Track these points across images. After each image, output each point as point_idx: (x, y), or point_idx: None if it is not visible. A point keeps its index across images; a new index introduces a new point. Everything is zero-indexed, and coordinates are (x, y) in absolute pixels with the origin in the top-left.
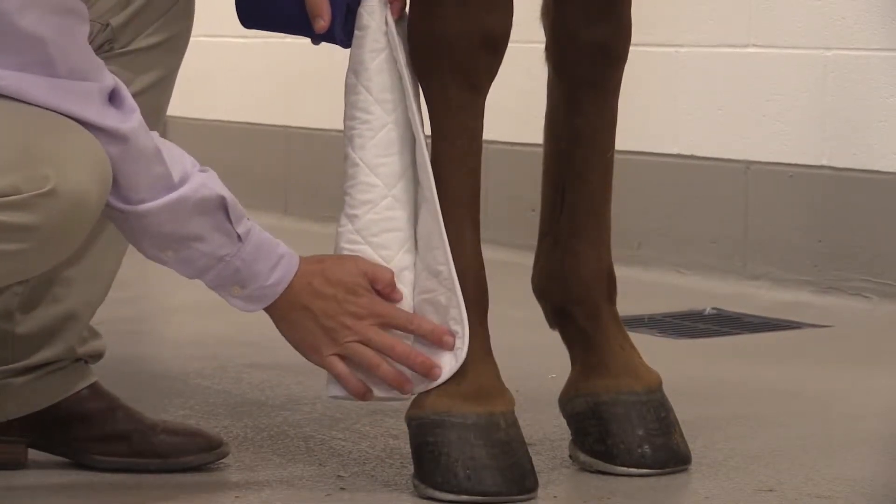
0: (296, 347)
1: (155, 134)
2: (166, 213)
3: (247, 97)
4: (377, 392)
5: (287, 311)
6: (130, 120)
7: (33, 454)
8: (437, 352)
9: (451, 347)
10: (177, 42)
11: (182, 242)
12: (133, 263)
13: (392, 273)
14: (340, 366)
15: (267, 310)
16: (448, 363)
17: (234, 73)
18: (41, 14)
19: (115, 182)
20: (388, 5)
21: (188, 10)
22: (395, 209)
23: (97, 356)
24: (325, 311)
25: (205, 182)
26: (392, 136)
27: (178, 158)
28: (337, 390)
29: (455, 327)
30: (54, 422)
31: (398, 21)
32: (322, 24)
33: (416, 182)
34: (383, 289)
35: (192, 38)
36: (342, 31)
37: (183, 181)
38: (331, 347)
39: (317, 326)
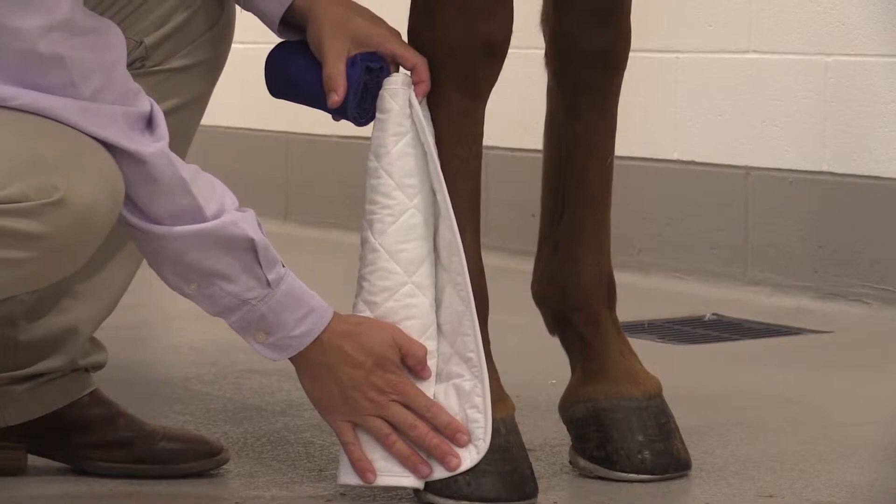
0: (313, 402)
1: (195, 167)
2: (187, 242)
3: (247, 103)
4: (386, 477)
5: (312, 367)
6: (152, 146)
7: (33, 460)
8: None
9: (464, 444)
10: (210, 66)
11: (206, 278)
12: None
13: (425, 350)
14: (350, 433)
15: (292, 360)
16: (469, 456)
17: (235, 78)
18: (56, 34)
19: (134, 202)
20: (412, 87)
21: (226, 36)
22: (416, 296)
23: (98, 367)
24: (350, 379)
25: (236, 221)
26: (413, 222)
27: (217, 194)
28: (348, 478)
29: (476, 416)
30: (54, 428)
31: (421, 102)
32: (336, 99)
33: (439, 266)
34: (414, 365)
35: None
36: (356, 108)
37: (216, 216)
38: (348, 415)
39: (339, 391)
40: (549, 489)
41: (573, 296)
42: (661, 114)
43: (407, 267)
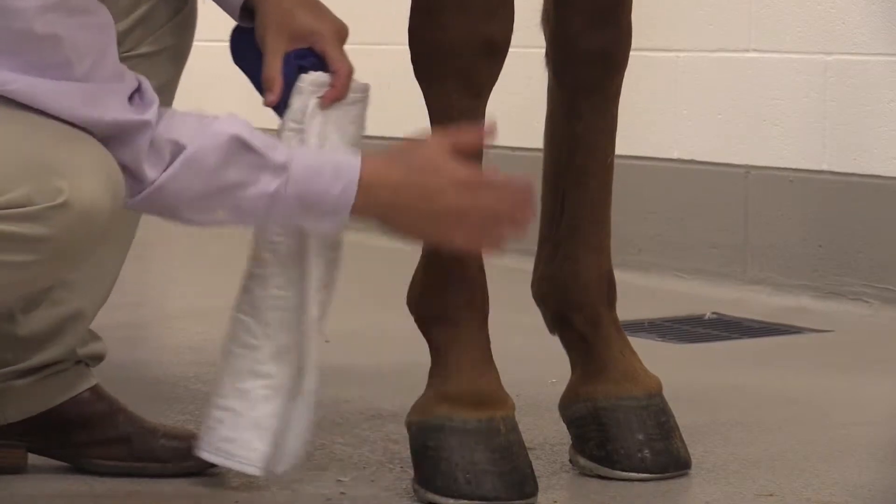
0: (420, 240)
1: (171, 111)
2: (184, 176)
3: (245, 102)
4: (227, 460)
5: (382, 212)
6: (147, 113)
7: (33, 459)
8: None
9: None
10: (175, 53)
11: (224, 196)
12: (133, 269)
13: (465, 133)
14: (472, 241)
15: (360, 216)
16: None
17: (233, 78)
18: (52, 14)
19: (135, 173)
20: (321, 89)
21: (190, 22)
22: (284, 289)
23: (97, 358)
24: (424, 196)
25: (216, 131)
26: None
27: (187, 123)
28: (208, 455)
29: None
30: (55, 425)
31: (334, 108)
32: (271, 99)
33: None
34: (469, 143)
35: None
36: (286, 105)
37: (191, 141)
38: (454, 227)
39: (425, 211)
40: (549, 488)
41: (573, 295)
42: (661, 113)
43: (283, 259)
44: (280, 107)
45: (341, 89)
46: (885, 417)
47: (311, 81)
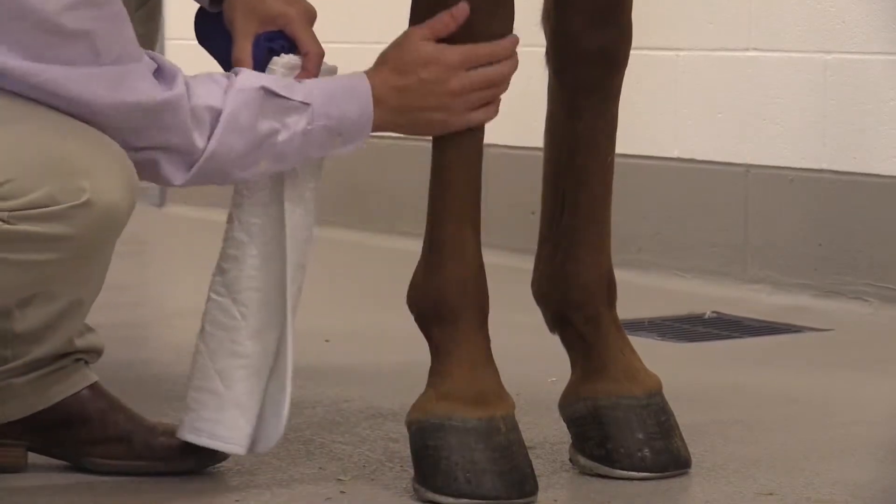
0: (435, 132)
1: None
2: (227, 137)
3: None
4: (212, 440)
5: (395, 117)
6: (175, 88)
7: (33, 458)
8: None
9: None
10: (146, 41)
11: (263, 146)
12: (133, 268)
13: (442, 18)
14: (481, 113)
15: (377, 129)
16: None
17: None
18: (81, 10)
19: (179, 152)
20: (295, 71)
21: (155, 15)
22: (260, 269)
23: (95, 352)
24: (427, 94)
25: (241, 88)
26: (270, 184)
27: (210, 88)
28: (189, 436)
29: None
30: (55, 423)
31: None
32: None
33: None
34: (443, 28)
35: (189, 43)
36: None
37: (224, 104)
38: (460, 110)
39: (434, 109)
40: (549, 487)
41: (573, 294)
42: (660, 112)
43: (259, 238)
44: None
45: (313, 71)
46: (885, 416)
47: (283, 64)
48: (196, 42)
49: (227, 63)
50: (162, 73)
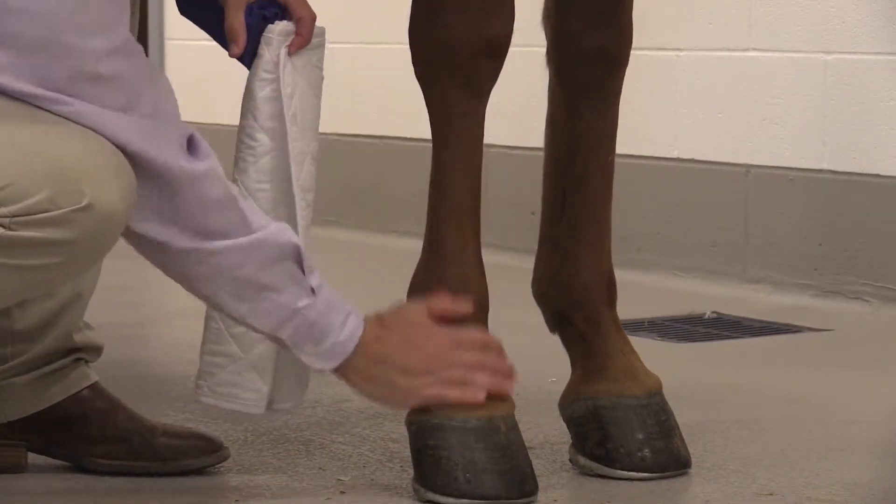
0: (383, 403)
1: (235, 188)
2: (242, 255)
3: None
4: (229, 403)
5: (364, 371)
6: (203, 163)
7: (33, 458)
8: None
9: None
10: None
11: (259, 292)
12: (133, 269)
13: (448, 300)
14: (435, 390)
15: (345, 373)
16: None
17: (232, 77)
18: (120, 58)
19: (188, 223)
20: (290, 37)
21: (134, 10)
22: None
23: (95, 349)
24: (405, 365)
25: (283, 229)
26: (275, 164)
27: (256, 210)
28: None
29: None
30: (55, 423)
31: (297, 54)
32: (236, 51)
33: (292, 210)
34: (442, 310)
35: (189, 43)
36: (252, 55)
37: (260, 228)
38: (422, 393)
39: (401, 380)
40: (549, 487)
41: (574, 294)
42: (660, 112)
43: (264, 206)
44: (245, 57)
45: (307, 36)
46: (884, 416)
47: (280, 31)
48: (197, 42)
49: (218, 33)
50: (195, 146)
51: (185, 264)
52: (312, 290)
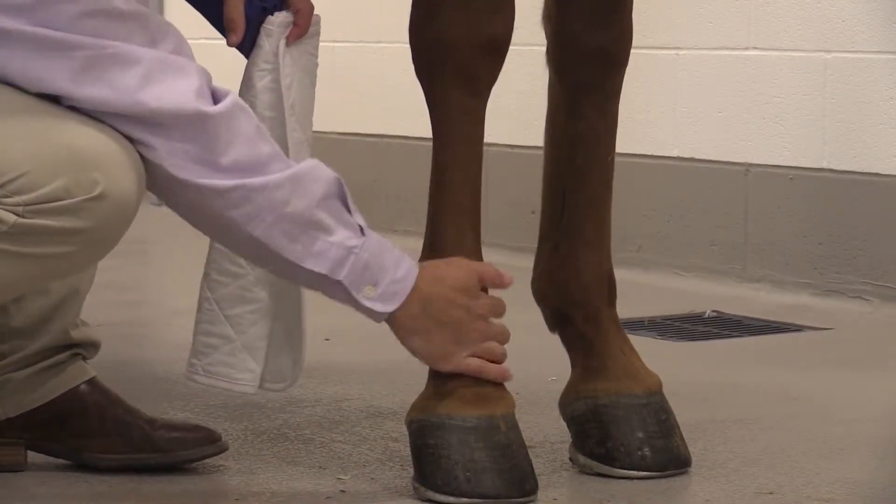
0: (427, 358)
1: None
2: (286, 189)
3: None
4: (222, 381)
5: (417, 322)
6: (228, 98)
7: (32, 457)
8: None
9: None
10: None
11: (308, 231)
12: (133, 268)
13: (493, 267)
14: (476, 362)
15: (399, 318)
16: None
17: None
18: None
19: (224, 159)
20: (288, 28)
21: None
22: None
23: (92, 345)
24: (458, 319)
25: (320, 165)
26: None
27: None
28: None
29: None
30: (53, 418)
31: (295, 44)
32: (234, 40)
33: None
34: (490, 281)
35: (193, 42)
36: (251, 45)
37: (296, 162)
38: (465, 353)
39: (451, 335)
40: (549, 486)
41: (573, 293)
42: (660, 111)
43: None
44: (243, 47)
45: (305, 27)
46: (885, 415)
47: (279, 23)
48: (197, 41)
49: (218, 21)
50: (214, 91)
51: (230, 206)
52: (361, 229)
